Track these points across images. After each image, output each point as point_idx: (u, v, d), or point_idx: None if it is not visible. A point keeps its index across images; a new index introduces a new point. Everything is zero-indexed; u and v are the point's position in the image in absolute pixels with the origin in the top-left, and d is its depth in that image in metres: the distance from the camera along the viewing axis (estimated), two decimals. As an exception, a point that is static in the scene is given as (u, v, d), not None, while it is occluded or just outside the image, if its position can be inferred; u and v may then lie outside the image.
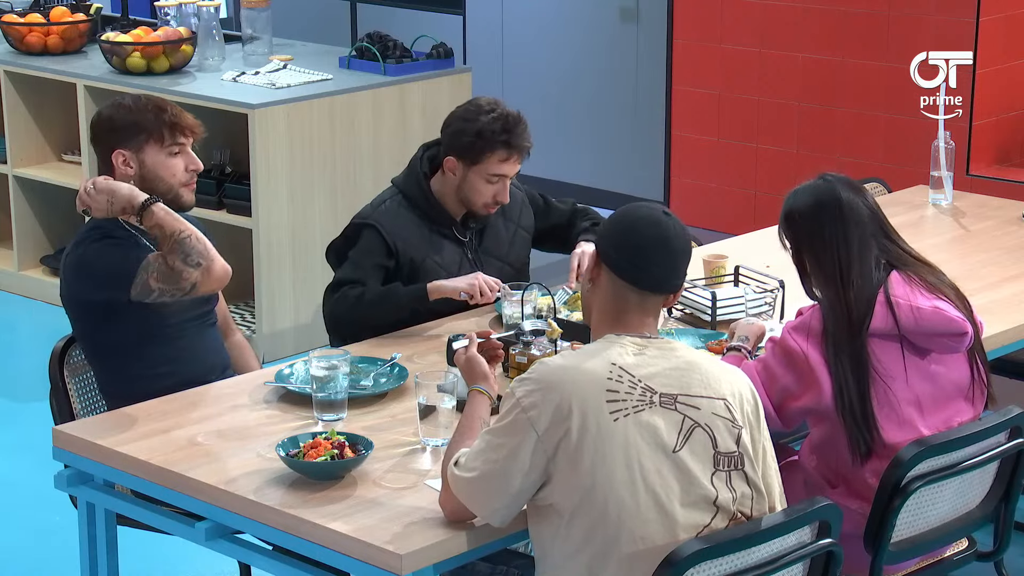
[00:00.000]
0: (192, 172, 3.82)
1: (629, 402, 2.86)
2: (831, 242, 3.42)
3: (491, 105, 4.11)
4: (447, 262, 4.17)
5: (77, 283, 3.75)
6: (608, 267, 2.99)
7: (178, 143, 3.79)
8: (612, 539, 2.83)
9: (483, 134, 4.07)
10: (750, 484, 2.92)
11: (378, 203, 4.21)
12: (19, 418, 5.79)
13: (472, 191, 4.13)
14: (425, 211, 4.18)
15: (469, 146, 4.09)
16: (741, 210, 7.50)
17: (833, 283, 3.41)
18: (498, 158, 4.09)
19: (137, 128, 3.77)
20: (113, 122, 3.80)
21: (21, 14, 7.09)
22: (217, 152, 6.54)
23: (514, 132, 4.09)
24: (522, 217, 4.37)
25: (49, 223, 7.05)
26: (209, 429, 3.47)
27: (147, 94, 3.90)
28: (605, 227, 3.04)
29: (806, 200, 3.48)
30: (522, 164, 4.18)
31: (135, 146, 3.77)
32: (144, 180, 3.77)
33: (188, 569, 4.68)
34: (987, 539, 3.61)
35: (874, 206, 3.49)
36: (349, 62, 6.69)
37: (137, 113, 3.79)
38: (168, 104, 3.83)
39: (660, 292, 2.99)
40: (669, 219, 2.99)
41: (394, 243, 4.12)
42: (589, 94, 8.29)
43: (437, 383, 3.34)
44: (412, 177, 4.21)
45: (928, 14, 6.74)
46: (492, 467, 2.89)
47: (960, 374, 3.51)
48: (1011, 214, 5.14)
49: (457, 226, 4.22)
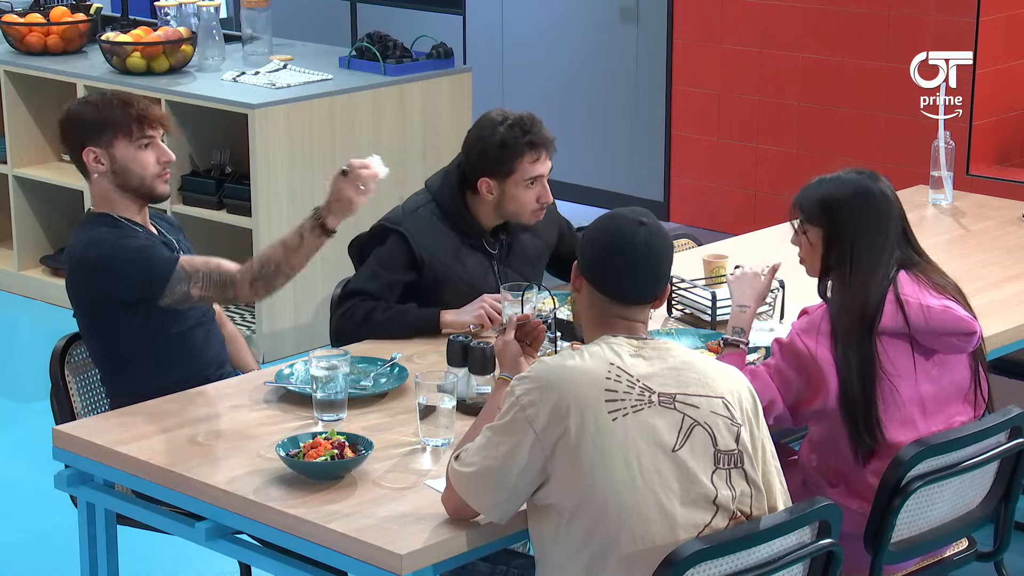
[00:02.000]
0: (164, 164, 3.82)
1: (628, 401, 2.86)
2: (871, 235, 3.41)
3: (502, 115, 4.09)
4: (472, 275, 4.15)
5: (99, 282, 3.73)
6: (586, 280, 3.01)
7: (147, 136, 3.78)
8: (612, 539, 2.83)
9: (506, 143, 4.05)
10: (750, 482, 2.92)
11: (411, 208, 4.16)
12: (19, 418, 5.79)
13: (514, 202, 4.09)
14: (457, 223, 4.15)
15: (497, 160, 4.05)
16: (741, 210, 7.50)
17: (857, 275, 3.40)
18: (528, 160, 4.07)
19: (105, 124, 3.77)
20: (80, 120, 3.81)
21: (21, 14, 7.09)
22: (217, 152, 6.54)
23: (533, 130, 4.08)
24: (550, 233, 4.35)
25: (49, 223, 7.06)
26: (209, 429, 3.47)
27: (113, 90, 3.88)
28: (583, 239, 3.05)
29: (852, 189, 3.46)
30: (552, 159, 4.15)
31: (104, 142, 3.77)
32: (116, 175, 3.78)
33: (188, 569, 4.68)
34: (987, 539, 3.61)
35: (900, 202, 3.50)
36: (349, 62, 6.69)
37: (104, 109, 3.78)
38: (134, 98, 3.83)
39: (640, 303, 3.00)
40: (642, 228, 2.97)
41: (421, 256, 4.09)
42: (589, 94, 8.29)
43: (437, 383, 3.34)
44: (448, 188, 4.15)
45: (928, 14, 6.74)
46: (491, 463, 2.89)
47: (962, 376, 3.51)
48: (1011, 214, 5.14)
49: (487, 238, 4.19)
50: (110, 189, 3.81)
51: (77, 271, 3.78)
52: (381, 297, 4.05)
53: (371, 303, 4.04)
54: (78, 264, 3.78)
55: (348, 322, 4.04)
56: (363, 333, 4.02)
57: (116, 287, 3.71)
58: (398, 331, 4.01)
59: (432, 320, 4.03)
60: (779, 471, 3.03)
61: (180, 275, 3.67)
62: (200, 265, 3.70)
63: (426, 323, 4.03)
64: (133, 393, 3.69)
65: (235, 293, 3.71)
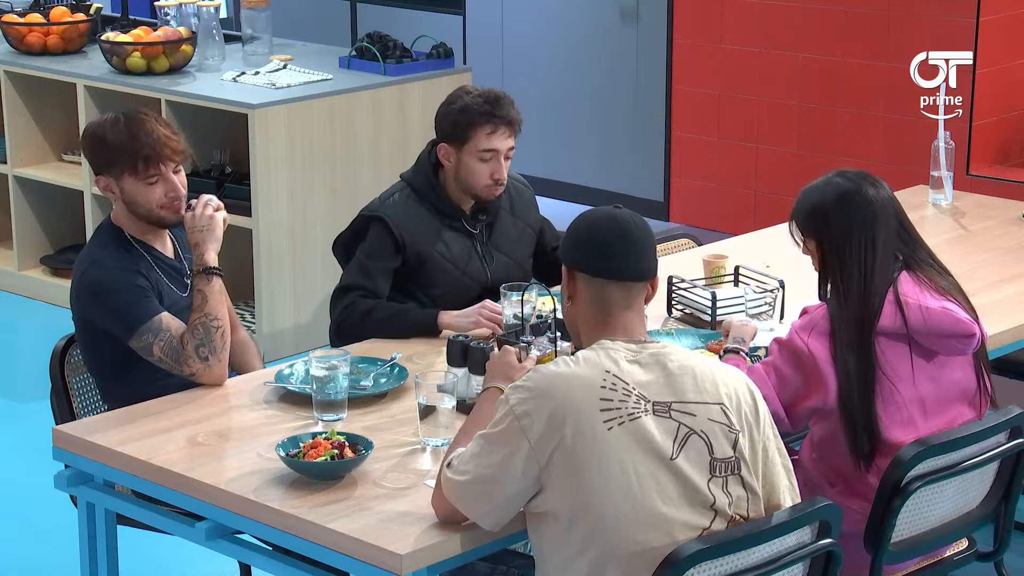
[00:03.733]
0: (172, 198, 3.81)
1: (623, 410, 2.85)
2: (859, 239, 3.40)
3: (474, 88, 4.17)
4: (455, 255, 4.18)
5: (88, 304, 3.75)
6: (582, 273, 3.01)
7: (151, 175, 3.76)
8: (611, 546, 2.82)
9: (466, 110, 4.11)
10: (746, 487, 2.92)
11: (387, 196, 4.22)
12: (19, 418, 5.79)
13: (468, 173, 4.14)
14: (434, 203, 4.19)
15: (454, 125, 4.12)
16: (741, 210, 7.50)
17: (855, 278, 3.39)
18: (485, 132, 4.10)
19: (112, 159, 3.77)
20: (95, 148, 3.81)
21: (21, 14, 7.09)
22: (217, 152, 6.54)
23: (497, 104, 4.11)
24: (530, 215, 4.38)
25: (49, 223, 7.05)
26: (209, 429, 3.47)
27: (133, 113, 3.83)
28: (565, 241, 3.06)
29: (833, 194, 3.46)
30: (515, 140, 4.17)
31: (114, 174, 3.78)
32: (126, 203, 3.80)
33: (188, 569, 4.68)
34: (987, 539, 3.61)
35: (896, 201, 3.49)
36: (349, 62, 6.69)
37: (114, 143, 3.76)
38: (149, 129, 3.77)
39: (637, 278, 2.99)
40: (621, 211, 3.03)
41: (402, 236, 4.12)
42: (589, 94, 8.29)
43: (437, 383, 3.34)
44: (420, 170, 4.23)
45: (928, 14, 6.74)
46: (484, 472, 2.88)
47: (964, 377, 3.51)
48: (1011, 214, 5.14)
49: (467, 218, 4.22)
50: (123, 211, 3.83)
51: (76, 285, 3.80)
52: (376, 289, 4.08)
53: (371, 301, 4.05)
54: (78, 279, 3.80)
55: (349, 317, 4.06)
56: (364, 330, 4.03)
57: (98, 315, 3.74)
58: (397, 331, 4.02)
59: (431, 320, 4.04)
60: (788, 469, 3.02)
61: (151, 328, 3.67)
62: (174, 329, 3.68)
63: (425, 324, 4.04)
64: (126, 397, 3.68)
65: (189, 368, 3.66)
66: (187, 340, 3.66)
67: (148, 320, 3.67)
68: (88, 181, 6.64)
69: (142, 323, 3.67)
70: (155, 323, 3.67)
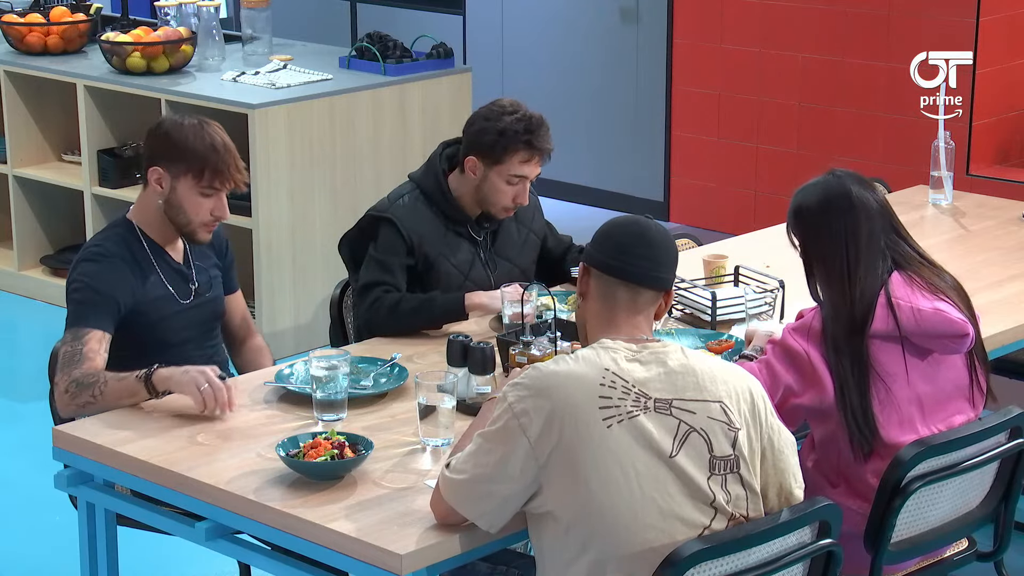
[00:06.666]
0: (216, 217, 3.82)
1: (623, 408, 2.85)
2: (839, 238, 3.40)
3: (514, 106, 4.11)
4: (460, 261, 4.17)
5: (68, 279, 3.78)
6: (596, 269, 3.01)
7: (213, 188, 3.78)
8: (611, 546, 2.82)
9: (506, 133, 4.07)
10: (745, 486, 2.92)
11: (396, 197, 4.19)
12: (19, 418, 5.79)
13: (492, 191, 4.12)
14: (442, 208, 4.17)
15: (491, 145, 4.08)
16: (741, 210, 7.50)
17: (838, 280, 3.40)
18: (520, 159, 4.08)
19: (183, 156, 3.76)
20: (166, 139, 3.79)
21: (21, 14, 7.09)
22: (217, 152, 6.54)
23: (536, 133, 4.08)
24: (534, 221, 4.36)
25: (49, 223, 7.05)
26: (209, 429, 3.47)
27: (216, 127, 3.85)
28: (598, 234, 3.08)
29: (815, 195, 3.46)
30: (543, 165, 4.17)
31: (173, 171, 3.77)
32: (169, 204, 3.79)
33: (188, 569, 4.68)
34: (987, 539, 3.61)
35: (883, 201, 3.48)
36: (349, 62, 6.69)
37: (191, 142, 3.77)
38: (228, 147, 3.81)
39: (648, 285, 2.99)
40: (650, 220, 3.06)
41: (411, 238, 4.10)
42: (589, 94, 8.29)
43: (437, 383, 3.34)
44: (431, 173, 4.20)
45: (928, 14, 6.75)
46: (482, 471, 2.88)
47: (960, 374, 3.51)
48: (1011, 214, 5.14)
49: (472, 225, 4.21)
50: (156, 209, 3.82)
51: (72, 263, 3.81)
52: (397, 284, 4.06)
53: (396, 295, 4.04)
54: (76, 257, 3.81)
55: (377, 313, 4.02)
56: (393, 323, 4.01)
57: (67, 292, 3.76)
58: (426, 320, 4.01)
59: (458, 305, 4.03)
60: (795, 466, 3.02)
61: (79, 335, 3.65)
62: (88, 352, 3.62)
63: (454, 309, 4.03)
64: None
65: (59, 384, 3.61)
66: (80, 370, 3.59)
67: (82, 328, 3.66)
68: (88, 181, 6.64)
69: (77, 326, 3.67)
70: (82, 332, 3.66)
